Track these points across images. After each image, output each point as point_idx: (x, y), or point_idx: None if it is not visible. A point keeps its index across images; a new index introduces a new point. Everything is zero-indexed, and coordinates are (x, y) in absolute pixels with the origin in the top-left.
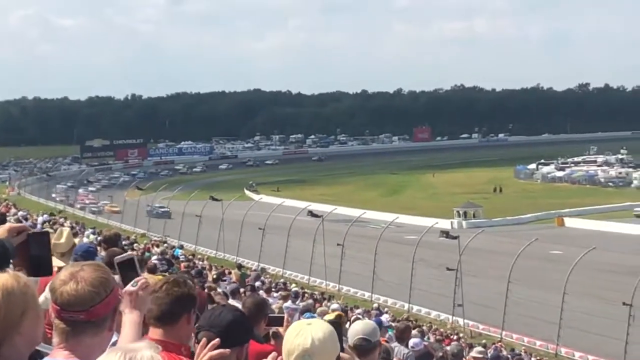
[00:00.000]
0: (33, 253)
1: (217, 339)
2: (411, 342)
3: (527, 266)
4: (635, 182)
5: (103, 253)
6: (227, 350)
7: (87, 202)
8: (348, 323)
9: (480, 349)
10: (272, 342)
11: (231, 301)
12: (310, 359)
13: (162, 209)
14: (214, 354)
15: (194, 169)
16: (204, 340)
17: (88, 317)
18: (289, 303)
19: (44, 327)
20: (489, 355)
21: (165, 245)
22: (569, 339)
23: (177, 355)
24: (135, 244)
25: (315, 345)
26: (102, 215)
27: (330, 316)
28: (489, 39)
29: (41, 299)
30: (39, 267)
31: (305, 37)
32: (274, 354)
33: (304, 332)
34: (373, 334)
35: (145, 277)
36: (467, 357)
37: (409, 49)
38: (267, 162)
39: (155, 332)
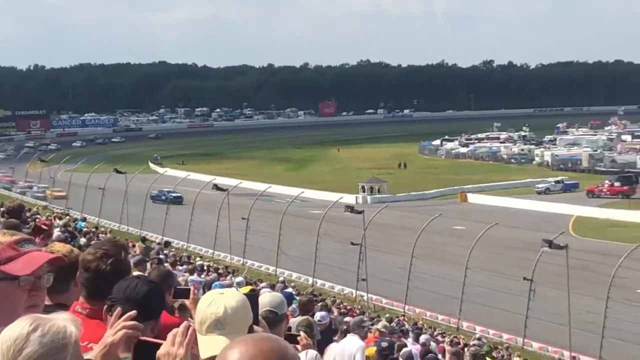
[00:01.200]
0: None
1: (134, 311)
2: (317, 315)
3: (431, 241)
4: (537, 159)
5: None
6: (141, 325)
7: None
8: None
9: (384, 322)
10: (177, 314)
11: (135, 274)
12: (223, 327)
13: (174, 194)
14: (128, 324)
15: (97, 141)
16: (118, 310)
17: None
18: (194, 276)
19: None
20: (393, 329)
21: (68, 217)
22: (471, 313)
23: (100, 322)
24: (37, 216)
25: (228, 313)
26: (46, 200)
27: (245, 290)
28: (395, 15)
29: None
30: None
31: (211, 9)
32: (185, 323)
33: (216, 301)
34: (280, 306)
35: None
36: (372, 329)
37: (315, 23)
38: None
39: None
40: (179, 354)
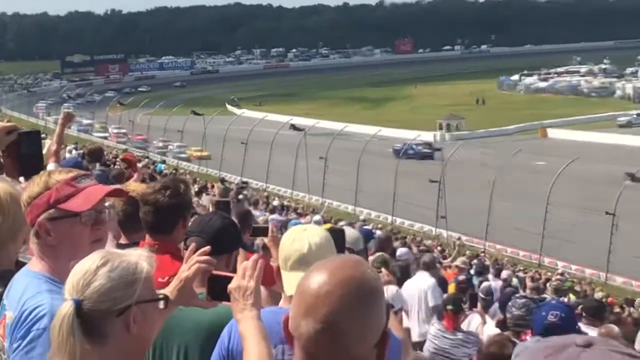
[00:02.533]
0: (23, 152)
1: (208, 247)
2: (398, 251)
3: (511, 178)
4: (618, 92)
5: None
6: (214, 260)
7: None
8: None
9: (463, 258)
10: (261, 253)
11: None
12: (308, 263)
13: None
14: (201, 259)
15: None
16: (193, 245)
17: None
18: (274, 215)
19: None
20: (474, 265)
21: (147, 160)
22: (552, 249)
23: (172, 257)
24: (118, 159)
25: (312, 250)
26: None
27: (326, 226)
28: None
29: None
30: (30, 166)
31: None
32: (255, 256)
33: (300, 237)
34: (356, 243)
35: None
36: (452, 266)
37: None
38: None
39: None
40: (249, 286)
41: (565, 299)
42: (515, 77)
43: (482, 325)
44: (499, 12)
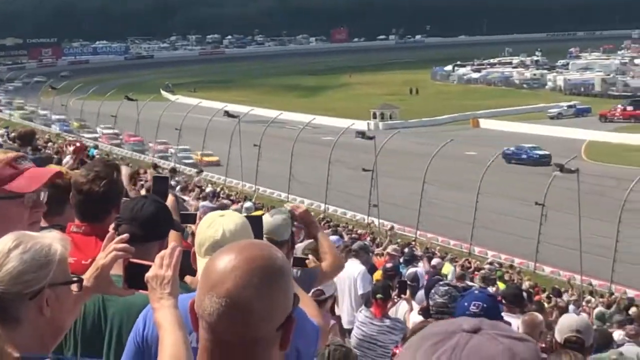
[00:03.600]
0: None
1: (126, 235)
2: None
3: (442, 167)
4: (549, 83)
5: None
6: (131, 247)
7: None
8: None
9: (394, 246)
10: (191, 240)
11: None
12: None
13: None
14: (119, 247)
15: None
16: (111, 232)
17: None
18: (206, 202)
19: None
20: (404, 253)
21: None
22: (483, 238)
23: (97, 240)
24: (49, 143)
25: (226, 236)
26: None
27: (257, 213)
28: None
29: None
30: None
31: None
32: (173, 244)
33: (215, 223)
34: (277, 231)
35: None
36: (384, 254)
37: None
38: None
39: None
40: (166, 275)
41: (493, 288)
42: (449, 67)
43: (409, 313)
44: (434, 2)
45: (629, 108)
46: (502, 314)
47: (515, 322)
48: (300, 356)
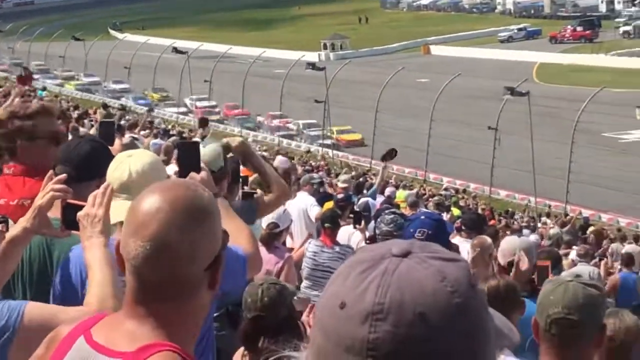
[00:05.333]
0: None
1: (64, 175)
2: (277, 160)
3: (395, 95)
4: (498, 7)
5: None
6: (69, 188)
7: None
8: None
9: (345, 177)
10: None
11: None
12: (129, 192)
13: None
14: (56, 187)
15: None
16: (50, 172)
17: None
18: (157, 140)
19: None
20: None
21: (27, 88)
22: (437, 165)
23: (25, 180)
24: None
25: (132, 177)
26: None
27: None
28: None
29: None
30: None
31: None
32: (106, 183)
33: (122, 164)
34: (215, 162)
35: None
36: (337, 185)
37: None
38: None
39: None
40: (97, 214)
41: (447, 215)
42: None
43: (362, 242)
44: None
45: (579, 29)
46: (459, 237)
47: (466, 246)
48: (227, 295)
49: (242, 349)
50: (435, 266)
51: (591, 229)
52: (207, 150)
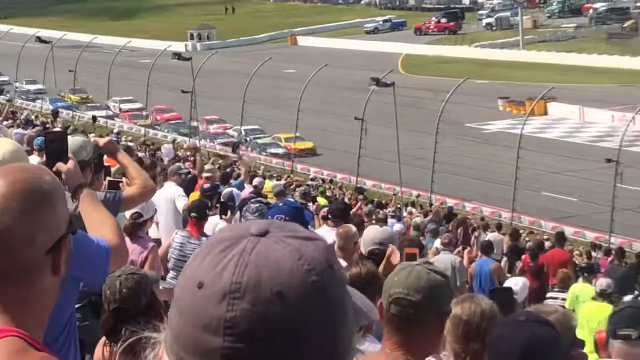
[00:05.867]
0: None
1: None
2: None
3: (262, 85)
4: None
5: None
6: None
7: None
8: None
9: (210, 166)
10: None
11: None
12: None
13: None
14: None
15: None
16: None
17: None
18: (19, 130)
19: None
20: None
21: None
22: (304, 155)
23: None
24: None
25: None
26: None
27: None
28: None
29: None
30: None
31: None
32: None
33: None
34: (80, 151)
35: None
36: (202, 176)
37: None
38: None
39: None
40: None
41: (314, 205)
42: None
43: None
44: None
45: (443, 20)
46: (326, 226)
47: (332, 235)
48: (90, 286)
49: (104, 338)
50: (293, 245)
51: (459, 217)
52: (75, 140)
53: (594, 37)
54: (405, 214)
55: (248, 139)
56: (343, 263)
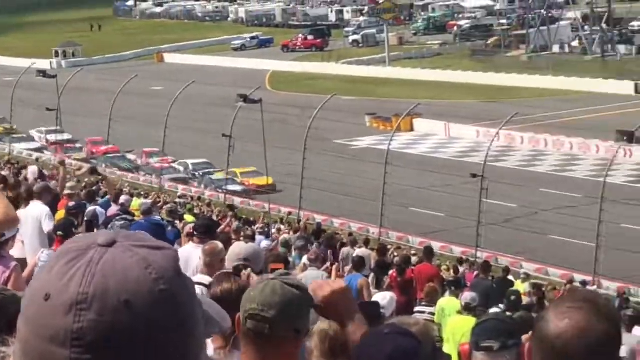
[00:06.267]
0: None
1: None
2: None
3: (129, 103)
4: (231, 15)
5: None
6: None
7: None
8: None
9: (72, 184)
10: None
11: None
12: None
13: None
14: None
15: None
16: None
17: None
18: None
19: None
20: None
21: None
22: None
23: None
24: None
25: None
26: None
27: None
28: None
29: None
30: None
31: None
32: None
33: None
34: None
35: None
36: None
37: None
38: None
39: None
40: None
41: (181, 223)
42: (131, 2)
43: None
44: None
45: (310, 37)
46: (192, 243)
47: (198, 252)
48: None
49: None
50: (141, 254)
51: (324, 234)
52: None
53: (459, 54)
54: (274, 230)
55: (196, 174)
56: (209, 280)
